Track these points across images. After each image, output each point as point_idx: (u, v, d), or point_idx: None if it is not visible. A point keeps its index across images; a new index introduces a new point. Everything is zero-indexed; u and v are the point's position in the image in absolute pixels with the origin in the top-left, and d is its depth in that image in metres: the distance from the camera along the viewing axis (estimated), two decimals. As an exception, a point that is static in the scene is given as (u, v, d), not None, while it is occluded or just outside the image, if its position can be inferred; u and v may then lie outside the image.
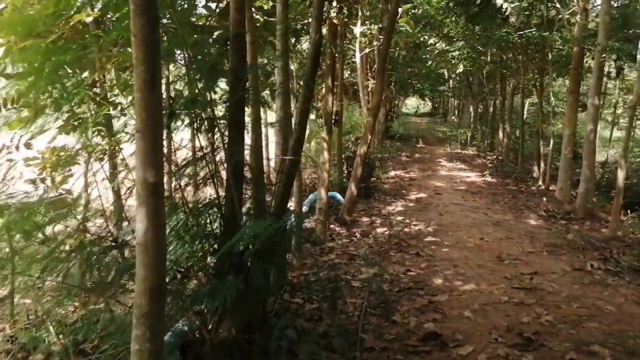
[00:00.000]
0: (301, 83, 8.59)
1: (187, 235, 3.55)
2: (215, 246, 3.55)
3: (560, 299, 5.20)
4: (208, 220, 3.62)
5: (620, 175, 7.54)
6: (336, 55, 7.59)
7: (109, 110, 5.06)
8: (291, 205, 6.59)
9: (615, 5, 10.38)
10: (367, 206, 9.64)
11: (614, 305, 5.07)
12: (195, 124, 3.59)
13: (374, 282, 5.42)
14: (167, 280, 3.44)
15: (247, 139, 3.86)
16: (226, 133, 3.62)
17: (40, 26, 3.64)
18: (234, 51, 3.58)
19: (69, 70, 4.92)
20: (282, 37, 4.66)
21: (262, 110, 6.86)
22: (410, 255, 6.54)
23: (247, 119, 4.08)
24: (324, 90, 8.53)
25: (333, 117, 10.03)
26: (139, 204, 2.31)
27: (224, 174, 3.72)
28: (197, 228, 3.56)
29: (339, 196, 9.23)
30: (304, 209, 8.27)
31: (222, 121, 3.67)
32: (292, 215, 5.32)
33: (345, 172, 10.58)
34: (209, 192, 4.14)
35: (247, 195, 3.83)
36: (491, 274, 5.93)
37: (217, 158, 3.63)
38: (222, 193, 3.65)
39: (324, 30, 7.67)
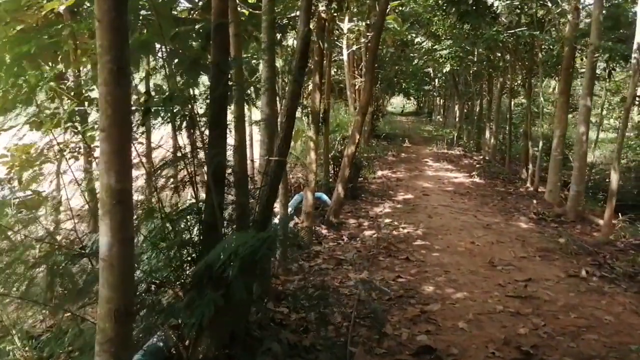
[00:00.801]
0: (287, 80, 8.31)
1: (163, 243, 3.27)
2: (194, 255, 3.27)
3: (557, 308, 4.99)
4: (186, 227, 3.33)
5: (614, 178, 7.36)
6: (324, 51, 7.31)
7: (82, 105, 4.74)
8: (276, 206, 6.31)
9: (606, 5, 10.18)
10: (354, 207, 9.38)
11: (612, 315, 4.87)
12: (174, 122, 3.30)
13: (363, 290, 5.16)
14: (141, 291, 3.16)
15: (230, 139, 3.59)
16: (207, 132, 3.34)
17: (1, 12, 3.32)
18: (216, 43, 3.29)
19: (42, 63, 4.61)
20: (268, 30, 4.38)
21: (246, 107, 6.56)
22: (399, 260, 6.28)
23: (231, 117, 3.82)
24: (310, 88, 8.25)
25: (321, 116, 9.77)
26: (103, 214, 2.03)
27: (205, 176, 3.44)
28: (175, 235, 3.28)
29: (325, 197, 8.96)
30: (289, 210, 7.99)
31: (203, 119, 3.39)
32: (278, 221, 5.06)
33: (332, 172, 10.30)
34: (189, 195, 3.85)
35: (229, 200, 3.55)
36: (484, 280, 5.70)
37: (197, 159, 3.34)
38: (203, 197, 3.38)
39: (312, 25, 7.39)
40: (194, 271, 3.01)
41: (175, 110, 3.30)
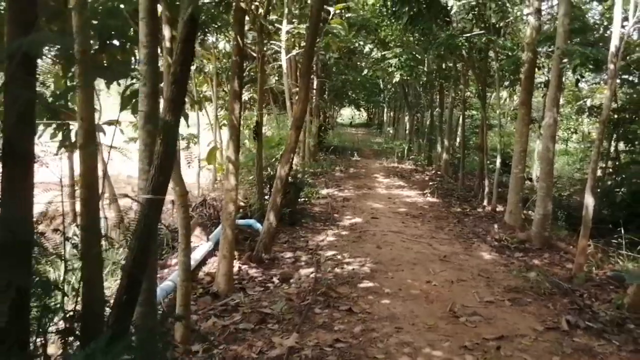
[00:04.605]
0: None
1: None
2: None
3: (542, 383, 3.81)
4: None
5: (590, 204, 6.31)
6: (243, 50, 5.98)
7: None
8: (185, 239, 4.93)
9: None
10: (291, 237, 8.03)
11: (612, 391, 3.73)
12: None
13: (289, 364, 3.85)
14: None
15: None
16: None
17: None
18: (12, 14, 1.94)
19: None
20: (146, 7, 3.02)
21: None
22: (340, 313, 4.98)
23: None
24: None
25: (253, 129, 8.50)
26: None
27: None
28: None
29: (258, 225, 7.62)
30: (209, 245, 6.62)
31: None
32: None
33: (268, 194, 8.96)
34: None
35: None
36: (446, 340, 4.48)
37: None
38: None
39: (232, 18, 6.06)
40: None
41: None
